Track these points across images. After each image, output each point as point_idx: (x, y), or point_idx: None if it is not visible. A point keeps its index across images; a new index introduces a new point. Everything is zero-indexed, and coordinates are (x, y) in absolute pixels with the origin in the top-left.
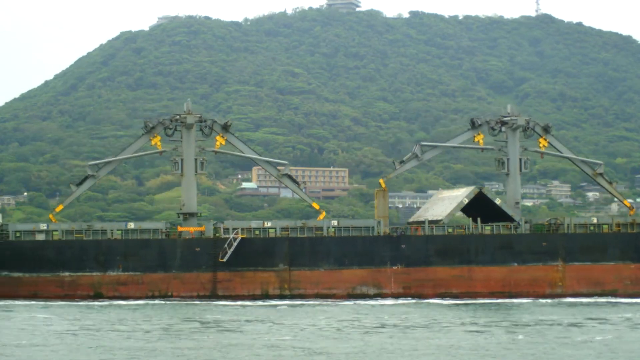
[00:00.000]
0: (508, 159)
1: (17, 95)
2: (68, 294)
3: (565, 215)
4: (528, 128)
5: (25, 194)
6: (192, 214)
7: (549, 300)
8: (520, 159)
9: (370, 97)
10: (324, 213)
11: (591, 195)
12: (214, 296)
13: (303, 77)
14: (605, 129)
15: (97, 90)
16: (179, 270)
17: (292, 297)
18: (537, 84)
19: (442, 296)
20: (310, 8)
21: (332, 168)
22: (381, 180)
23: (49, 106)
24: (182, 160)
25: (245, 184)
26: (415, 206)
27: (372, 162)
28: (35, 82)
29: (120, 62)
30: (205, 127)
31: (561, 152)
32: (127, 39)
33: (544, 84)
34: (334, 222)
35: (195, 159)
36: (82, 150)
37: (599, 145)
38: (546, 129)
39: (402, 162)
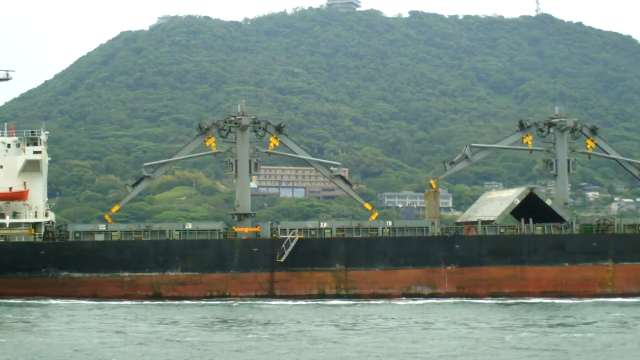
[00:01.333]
0: (556, 160)
1: (17, 95)
2: (127, 294)
3: (615, 217)
4: (575, 129)
5: None
6: (246, 215)
7: (604, 300)
8: (568, 160)
9: (370, 97)
10: (376, 213)
11: (591, 195)
12: (271, 296)
13: (303, 77)
14: (605, 129)
15: (97, 90)
16: (237, 270)
17: (348, 297)
18: (537, 83)
19: (494, 296)
20: (310, 8)
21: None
22: (432, 181)
23: (48, 106)
24: (236, 161)
25: None
26: (415, 206)
27: (372, 162)
28: (35, 82)
29: (120, 62)
30: (259, 128)
31: (608, 153)
32: (127, 38)
33: (543, 83)
34: (389, 223)
35: (249, 160)
36: (82, 150)
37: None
38: (593, 131)
39: (452, 163)
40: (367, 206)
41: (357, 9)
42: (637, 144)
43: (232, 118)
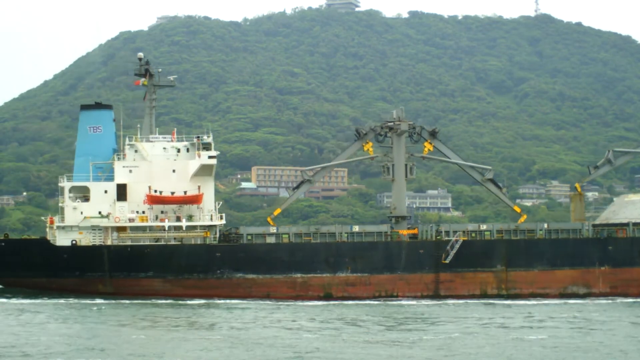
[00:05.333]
0: (393, 165)
1: (16, 95)
2: (299, 294)
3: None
4: (414, 133)
5: (24, 193)
6: (403, 217)
7: None
8: (405, 165)
9: (370, 97)
10: (525, 216)
11: (590, 195)
12: (436, 296)
13: (302, 77)
14: (605, 129)
15: (97, 90)
16: (403, 271)
17: (508, 296)
18: (536, 83)
19: None
20: (310, 8)
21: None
22: (577, 185)
23: (48, 106)
24: (392, 165)
25: (244, 184)
26: (414, 206)
27: (372, 162)
28: (34, 82)
29: (119, 62)
30: (414, 133)
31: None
32: (127, 39)
33: (543, 83)
34: (545, 225)
35: (405, 165)
36: None
37: (599, 145)
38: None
39: (596, 167)
40: (517, 209)
41: (357, 9)
42: (637, 144)
43: (390, 123)
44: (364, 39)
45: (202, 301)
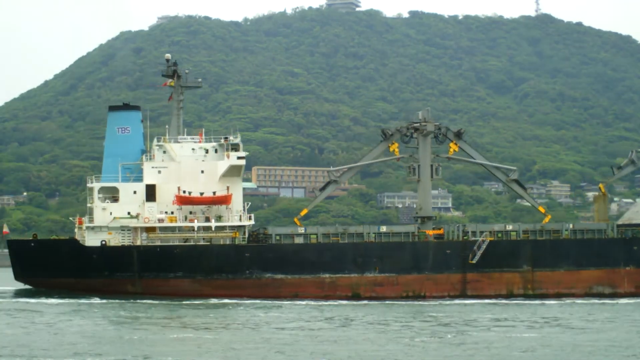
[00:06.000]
0: (419, 166)
1: (16, 95)
2: (328, 294)
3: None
4: (440, 134)
5: (24, 193)
6: (429, 218)
7: None
8: (431, 165)
9: (370, 97)
10: (549, 216)
11: (590, 195)
12: (463, 296)
13: (302, 77)
14: (605, 129)
15: (97, 90)
16: (431, 271)
17: (534, 296)
18: (536, 84)
19: None
20: (310, 8)
21: (331, 168)
22: (601, 185)
23: (48, 106)
24: (418, 166)
25: (244, 184)
26: (414, 206)
27: (372, 162)
28: (34, 82)
29: (119, 62)
30: (440, 134)
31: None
32: (127, 39)
33: (543, 84)
34: (570, 225)
35: (431, 165)
36: (82, 150)
37: (599, 145)
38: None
39: (619, 168)
40: (541, 209)
41: (357, 9)
42: (637, 144)
43: (416, 124)
44: (364, 39)
45: (233, 301)
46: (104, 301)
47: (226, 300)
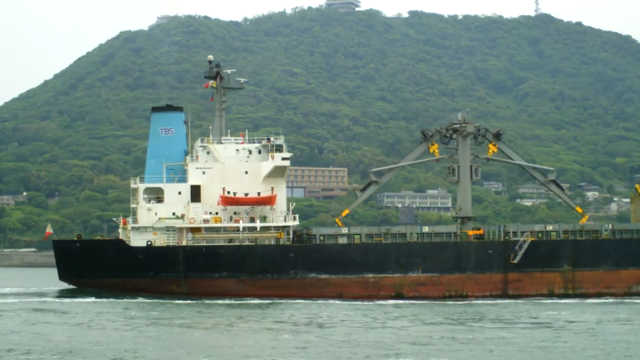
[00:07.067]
0: (458, 167)
1: (16, 95)
2: (371, 294)
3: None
4: (479, 135)
5: (24, 193)
6: (468, 218)
7: None
8: (470, 166)
9: (370, 96)
10: (587, 217)
11: (590, 195)
12: (505, 296)
13: (302, 77)
14: (605, 129)
15: (97, 90)
16: (473, 271)
17: (575, 296)
18: (536, 83)
19: None
20: (310, 8)
21: (331, 168)
22: (637, 186)
23: (48, 106)
24: (458, 167)
25: None
26: (414, 206)
27: (372, 162)
28: (34, 82)
29: (119, 62)
30: (479, 135)
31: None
32: (127, 38)
33: (543, 83)
34: (609, 226)
35: (470, 166)
36: (82, 150)
37: (598, 145)
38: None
39: None
40: (579, 209)
41: (357, 8)
42: (637, 144)
43: (456, 126)
44: (364, 39)
45: (284, 301)
46: (186, 302)
47: (299, 301)
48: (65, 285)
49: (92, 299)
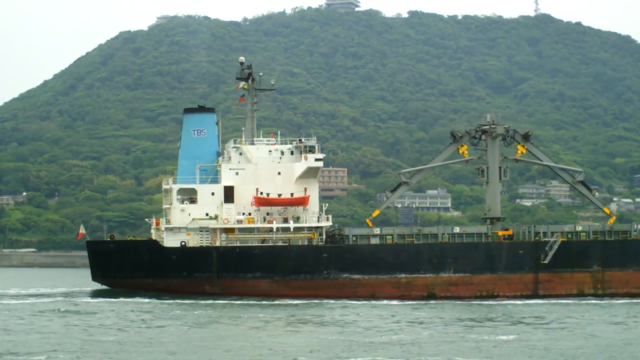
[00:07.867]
0: (487, 167)
1: (16, 95)
2: (404, 294)
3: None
4: (507, 136)
5: (24, 193)
6: (497, 219)
7: None
8: (499, 167)
9: (369, 96)
10: (614, 217)
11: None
12: (535, 296)
13: (302, 77)
14: (604, 129)
15: (96, 90)
16: (504, 271)
17: (604, 296)
18: (536, 83)
19: None
20: (309, 8)
21: (331, 168)
22: None
23: (48, 106)
24: (487, 168)
25: None
26: (414, 206)
27: (371, 162)
28: (34, 82)
29: (119, 62)
30: (508, 136)
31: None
32: (126, 38)
33: (542, 83)
34: (638, 226)
35: (500, 167)
36: (81, 150)
37: (598, 145)
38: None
39: None
40: (606, 210)
41: (356, 9)
42: (637, 144)
43: (486, 127)
44: (364, 39)
45: (317, 301)
46: (225, 301)
47: (331, 301)
48: (97, 286)
49: (140, 299)
